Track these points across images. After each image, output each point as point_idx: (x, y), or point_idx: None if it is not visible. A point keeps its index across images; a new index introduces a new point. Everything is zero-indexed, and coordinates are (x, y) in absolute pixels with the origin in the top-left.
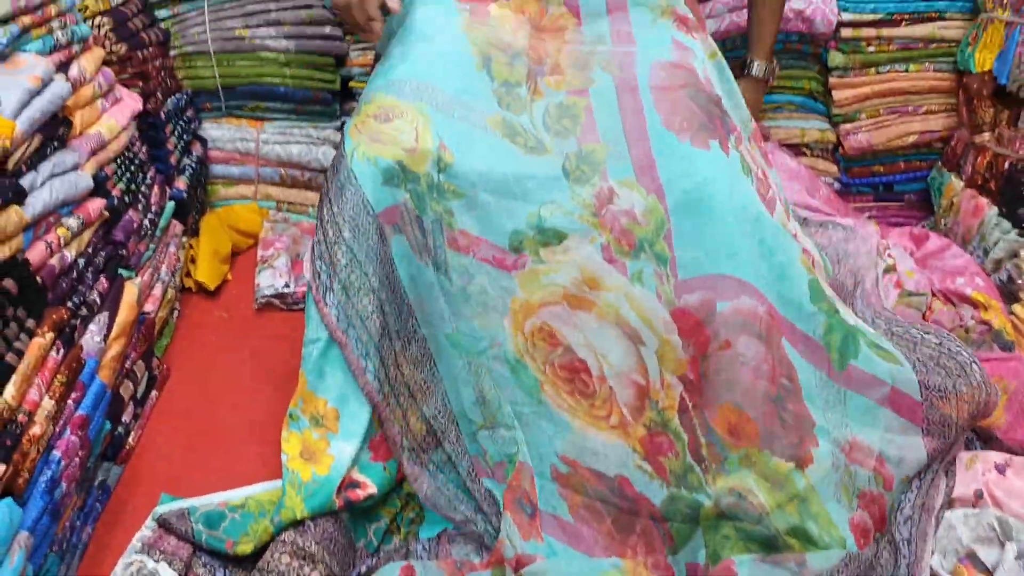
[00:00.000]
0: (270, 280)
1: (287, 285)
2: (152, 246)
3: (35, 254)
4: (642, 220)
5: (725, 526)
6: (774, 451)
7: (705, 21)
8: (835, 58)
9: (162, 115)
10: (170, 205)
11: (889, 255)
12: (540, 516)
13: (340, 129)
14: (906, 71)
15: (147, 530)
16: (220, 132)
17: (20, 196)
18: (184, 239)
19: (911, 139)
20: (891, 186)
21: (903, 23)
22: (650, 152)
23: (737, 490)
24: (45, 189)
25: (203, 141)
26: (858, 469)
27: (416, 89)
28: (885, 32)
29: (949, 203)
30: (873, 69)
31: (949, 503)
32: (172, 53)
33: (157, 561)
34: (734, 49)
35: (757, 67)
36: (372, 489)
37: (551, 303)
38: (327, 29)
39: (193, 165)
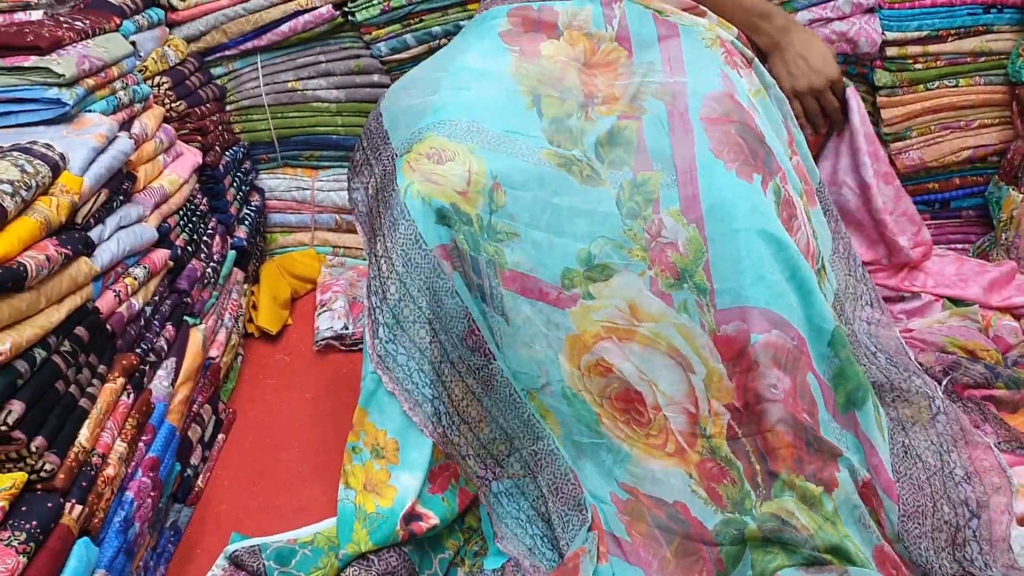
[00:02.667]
0: (329, 322)
1: (345, 327)
2: (215, 294)
3: (104, 303)
4: (683, 251)
5: (772, 546)
6: (806, 477)
7: (755, 59)
8: (882, 77)
9: (221, 168)
10: (231, 254)
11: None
12: (603, 538)
13: None
14: (956, 86)
15: (218, 569)
16: (277, 182)
17: (89, 248)
18: (246, 286)
19: (965, 154)
20: (948, 203)
21: (950, 38)
22: (696, 178)
23: (779, 516)
24: (112, 241)
25: (261, 191)
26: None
27: (467, 130)
28: (932, 48)
29: (1009, 217)
30: (921, 86)
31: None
32: (228, 108)
33: None
34: None
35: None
36: (435, 520)
37: (603, 338)
38: (375, 77)
39: (252, 214)
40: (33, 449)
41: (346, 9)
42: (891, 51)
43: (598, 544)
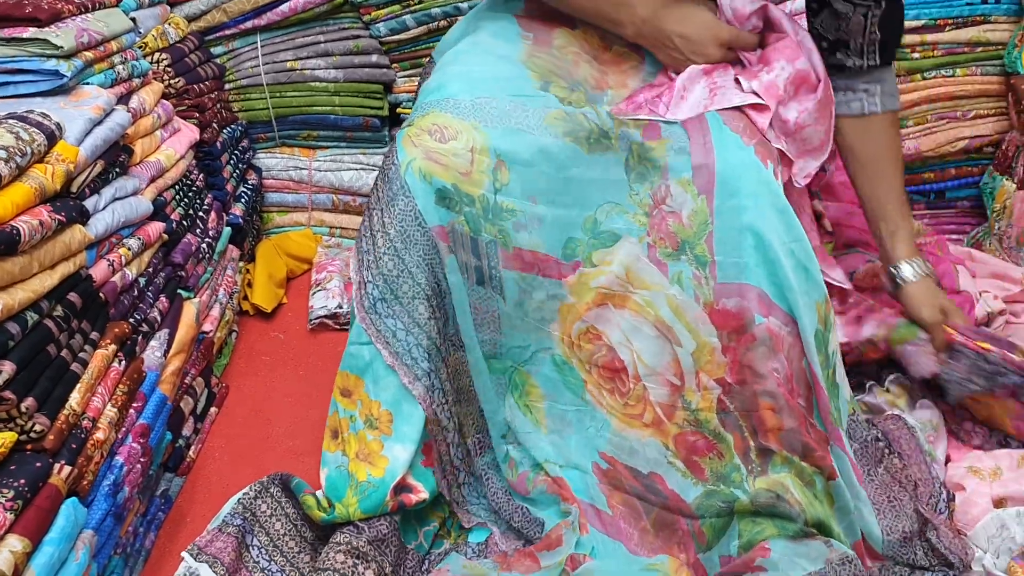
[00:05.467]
0: (323, 301)
1: (340, 306)
2: (210, 269)
3: (98, 271)
4: (687, 222)
5: (761, 518)
6: (802, 456)
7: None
8: None
9: (218, 145)
10: (227, 231)
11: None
12: (583, 509)
13: None
14: (952, 76)
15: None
16: (274, 161)
17: (84, 216)
18: (241, 264)
19: (961, 144)
20: (943, 193)
21: (947, 28)
22: (711, 147)
23: (774, 490)
24: (107, 211)
25: (258, 170)
26: None
27: (471, 107)
28: (929, 38)
29: (1002, 207)
30: (919, 75)
31: (1000, 502)
32: (227, 86)
33: (200, 563)
34: None
35: (907, 270)
36: (424, 494)
37: (597, 305)
38: (374, 58)
39: (248, 192)
40: (23, 409)
41: None
42: None
43: (579, 516)
